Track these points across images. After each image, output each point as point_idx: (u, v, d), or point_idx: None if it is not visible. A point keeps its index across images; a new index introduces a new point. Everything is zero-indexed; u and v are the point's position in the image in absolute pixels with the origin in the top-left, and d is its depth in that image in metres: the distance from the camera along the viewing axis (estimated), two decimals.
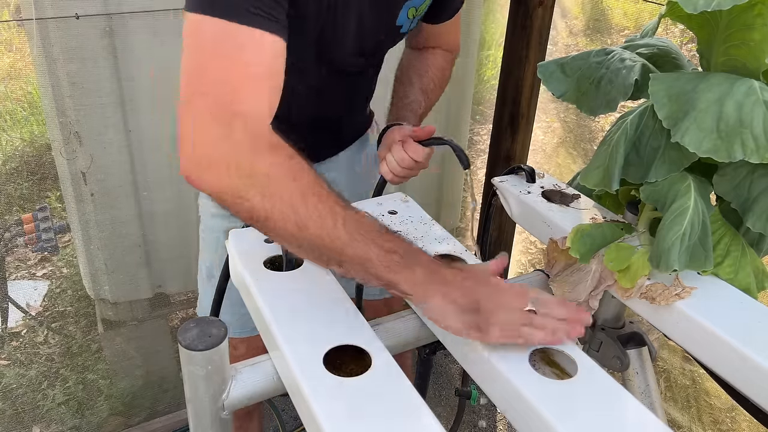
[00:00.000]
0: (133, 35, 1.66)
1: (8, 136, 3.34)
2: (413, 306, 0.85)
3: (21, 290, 2.49)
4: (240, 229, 0.97)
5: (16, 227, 2.12)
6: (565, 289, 0.91)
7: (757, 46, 0.79)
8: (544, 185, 1.10)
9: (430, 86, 1.36)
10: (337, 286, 0.84)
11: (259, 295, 0.82)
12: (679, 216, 0.80)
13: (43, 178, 3.00)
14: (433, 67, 1.36)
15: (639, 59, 0.93)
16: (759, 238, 0.89)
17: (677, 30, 4.32)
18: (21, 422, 2.00)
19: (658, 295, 0.80)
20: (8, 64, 3.79)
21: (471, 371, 0.78)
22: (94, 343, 2.21)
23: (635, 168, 0.87)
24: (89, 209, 1.81)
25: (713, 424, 2.19)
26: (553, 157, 3.93)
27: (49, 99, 1.68)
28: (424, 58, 1.37)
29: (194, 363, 0.73)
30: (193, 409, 0.78)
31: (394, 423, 0.63)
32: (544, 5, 2.04)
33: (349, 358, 0.73)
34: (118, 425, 2.05)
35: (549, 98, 3.70)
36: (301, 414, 0.70)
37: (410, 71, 1.36)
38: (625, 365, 0.96)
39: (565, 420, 0.63)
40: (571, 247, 0.88)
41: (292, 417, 2.04)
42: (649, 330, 1.03)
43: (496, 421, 2.27)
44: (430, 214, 1.05)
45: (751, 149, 0.74)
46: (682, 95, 0.79)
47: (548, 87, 1.00)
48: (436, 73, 1.36)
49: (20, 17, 1.75)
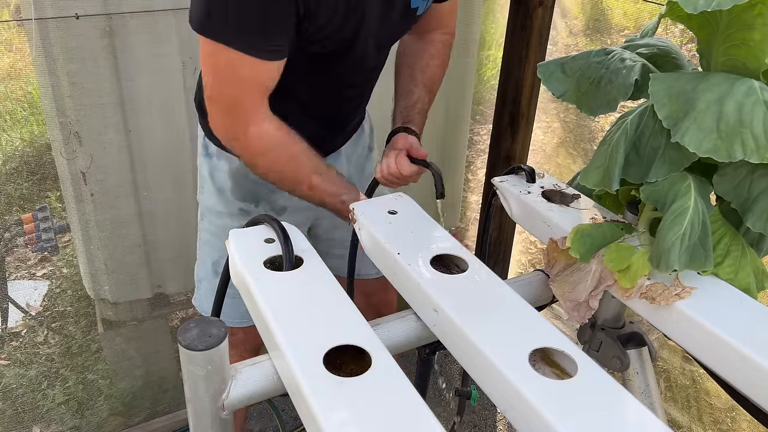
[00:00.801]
0: (133, 35, 1.66)
1: (8, 136, 3.34)
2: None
3: (21, 290, 2.49)
4: (240, 229, 0.97)
5: (16, 227, 2.13)
6: (565, 289, 0.91)
7: (757, 46, 0.79)
8: (544, 185, 1.10)
9: (434, 80, 1.39)
10: (337, 286, 0.84)
11: (259, 295, 0.82)
12: (679, 216, 0.80)
13: (43, 178, 3.00)
14: (435, 58, 1.39)
15: (639, 59, 0.93)
16: (759, 238, 0.89)
17: (677, 30, 4.31)
18: (21, 422, 2.00)
19: (658, 295, 0.80)
20: (8, 64, 3.79)
21: (471, 371, 0.78)
22: (94, 343, 2.21)
23: (635, 168, 0.87)
24: (89, 209, 1.81)
25: (713, 424, 2.19)
26: (553, 157, 3.93)
27: (49, 99, 1.68)
28: (424, 50, 1.39)
29: (194, 363, 0.73)
30: (193, 409, 0.78)
31: (394, 423, 0.63)
32: (544, 5, 2.05)
33: (349, 358, 0.73)
34: (118, 425, 2.05)
35: (549, 98, 3.70)
36: (301, 414, 0.70)
37: (413, 65, 1.39)
38: (625, 365, 0.96)
39: (565, 420, 0.63)
40: (571, 247, 0.88)
41: (292, 417, 2.04)
42: (649, 330, 1.03)
43: (496, 421, 2.27)
44: (429, 214, 1.05)
45: (751, 149, 0.74)
46: (682, 95, 0.79)
47: (548, 87, 1.00)
48: (437, 65, 1.39)
49: (20, 17, 1.75)
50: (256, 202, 1.38)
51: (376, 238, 0.95)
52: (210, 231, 1.44)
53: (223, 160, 1.35)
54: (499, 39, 3.76)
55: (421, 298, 0.85)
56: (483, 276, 0.87)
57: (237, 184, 1.36)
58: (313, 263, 0.89)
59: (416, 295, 0.86)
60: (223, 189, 1.37)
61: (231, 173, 1.35)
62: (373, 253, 0.99)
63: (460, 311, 0.79)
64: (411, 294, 0.88)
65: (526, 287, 0.99)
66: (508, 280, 0.95)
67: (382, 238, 0.94)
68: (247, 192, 1.37)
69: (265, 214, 0.97)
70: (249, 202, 1.38)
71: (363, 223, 0.99)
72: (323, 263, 0.89)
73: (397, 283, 0.92)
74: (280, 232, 0.90)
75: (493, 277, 0.87)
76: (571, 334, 0.89)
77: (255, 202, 1.38)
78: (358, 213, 1.01)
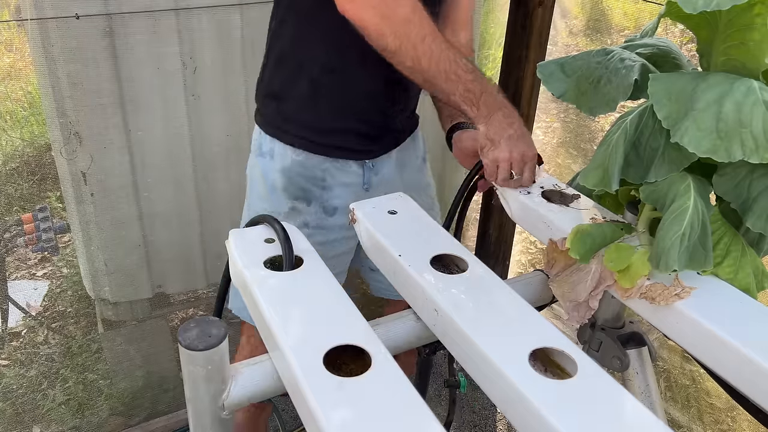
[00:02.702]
0: (133, 35, 1.66)
1: (8, 136, 3.34)
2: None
3: (21, 290, 2.49)
4: (240, 229, 0.97)
5: (16, 227, 2.13)
6: (564, 289, 0.92)
7: (757, 46, 0.79)
8: (544, 185, 1.10)
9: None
10: (337, 286, 0.85)
11: (259, 295, 0.82)
12: (678, 216, 0.80)
13: (43, 178, 3.00)
14: (463, 49, 1.39)
15: (639, 59, 0.93)
16: (759, 238, 0.89)
17: (677, 30, 4.31)
18: (21, 422, 2.00)
19: (657, 295, 0.80)
20: (8, 64, 3.79)
21: (471, 371, 0.78)
22: (94, 343, 2.21)
23: (635, 168, 0.87)
24: (89, 209, 1.81)
25: (713, 424, 2.19)
26: (553, 157, 3.93)
27: (49, 99, 1.68)
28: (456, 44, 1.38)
29: (194, 363, 0.73)
30: (193, 409, 0.79)
31: (394, 423, 0.63)
32: (544, 5, 2.05)
33: (349, 358, 0.73)
34: (118, 425, 2.05)
35: (549, 98, 3.70)
36: (301, 414, 0.70)
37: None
38: (625, 365, 0.96)
39: (565, 420, 0.63)
40: (570, 248, 0.88)
41: (292, 417, 2.04)
42: (649, 330, 1.03)
43: (496, 421, 2.27)
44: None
45: (751, 149, 0.74)
46: (682, 95, 0.79)
47: (548, 87, 1.00)
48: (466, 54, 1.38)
49: (20, 17, 1.75)
50: (308, 201, 1.39)
51: (376, 238, 0.95)
52: (254, 206, 1.45)
53: (277, 157, 1.36)
54: (499, 39, 3.76)
55: (421, 298, 0.85)
56: (483, 276, 0.87)
57: (290, 181, 1.37)
58: (313, 263, 0.89)
59: (416, 295, 0.86)
60: (274, 188, 1.38)
61: (283, 171, 1.36)
62: (373, 253, 0.99)
63: (460, 311, 0.79)
64: (411, 294, 0.88)
65: (526, 287, 0.99)
66: (508, 280, 0.95)
67: (382, 238, 0.94)
68: (299, 189, 1.37)
69: (265, 214, 0.97)
70: (300, 200, 1.38)
71: (363, 223, 0.99)
72: (323, 263, 0.89)
73: (397, 283, 0.92)
74: (281, 232, 0.90)
75: (493, 277, 0.87)
76: (571, 334, 0.89)
77: (306, 201, 1.39)
78: (358, 213, 1.01)
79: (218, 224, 2.01)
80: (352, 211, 1.02)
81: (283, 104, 1.36)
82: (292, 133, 1.35)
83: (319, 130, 1.34)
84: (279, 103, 1.36)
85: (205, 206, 1.98)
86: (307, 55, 1.30)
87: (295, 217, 1.38)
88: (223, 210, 2.01)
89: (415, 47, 1.11)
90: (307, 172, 1.36)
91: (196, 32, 1.74)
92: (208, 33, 1.76)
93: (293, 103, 1.34)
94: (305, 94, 1.32)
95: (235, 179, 1.98)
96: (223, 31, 1.78)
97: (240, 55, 1.84)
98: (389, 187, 1.42)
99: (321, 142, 1.35)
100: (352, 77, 1.30)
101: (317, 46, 1.29)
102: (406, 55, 1.12)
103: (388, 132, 1.42)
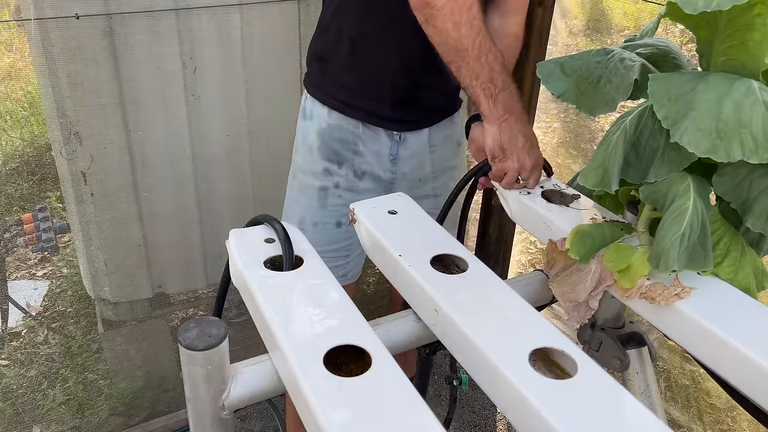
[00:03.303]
0: (133, 35, 1.66)
1: (8, 136, 3.34)
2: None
3: (21, 290, 2.49)
4: (240, 229, 0.97)
5: (16, 227, 2.13)
6: (564, 289, 0.92)
7: (757, 46, 0.79)
8: (544, 185, 1.10)
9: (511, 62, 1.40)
10: (337, 286, 0.85)
11: (259, 295, 0.82)
12: (678, 216, 0.80)
13: (43, 178, 3.00)
14: (509, 38, 1.40)
15: (638, 59, 0.93)
16: (759, 238, 0.89)
17: (677, 30, 4.31)
18: (21, 422, 2.00)
19: (657, 295, 0.80)
20: (8, 64, 3.79)
21: (471, 371, 0.78)
22: (94, 343, 2.21)
23: (634, 168, 0.87)
24: (89, 209, 1.81)
25: (713, 424, 2.19)
26: (553, 157, 3.93)
27: (49, 99, 1.68)
28: (504, 34, 1.39)
29: (194, 363, 0.73)
30: (193, 409, 0.79)
31: (394, 423, 0.63)
32: (544, 5, 2.05)
33: (349, 358, 0.73)
34: (118, 425, 2.05)
35: (549, 98, 3.70)
36: (301, 414, 0.70)
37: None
38: (625, 365, 0.96)
39: (565, 420, 0.63)
40: (570, 248, 0.88)
41: None
42: (649, 330, 1.03)
43: (496, 421, 2.27)
44: None
45: (750, 149, 0.74)
46: (682, 95, 0.79)
47: (548, 87, 0.99)
48: (513, 54, 1.41)
49: (20, 17, 1.75)
50: (339, 164, 1.48)
51: (376, 238, 0.95)
52: (297, 188, 1.55)
53: (315, 119, 1.47)
54: None
55: (422, 298, 0.85)
56: (483, 276, 0.87)
57: (323, 143, 1.47)
58: (313, 263, 0.89)
59: (416, 295, 0.86)
60: (311, 148, 1.49)
61: (319, 132, 1.46)
62: (373, 252, 0.99)
63: (460, 311, 0.79)
64: (411, 294, 0.88)
65: (526, 287, 0.99)
66: (508, 280, 0.95)
67: (382, 238, 0.94)
68: (332, 151, 1.47)
69: (265, 214, 0.97)
70: (333, 162, 1.48)
71: (363, 223, 1.00)
72: (323, 263, 0.89)
73: (397, 282, 0.92)
74: (281, 231, 0.90)
75: (493, 277, 0.87)
76: (571, 334, 0.89)
77: (338, 163, 1.48)
78: (359, 213, 1.01)
79: (218, 224, 2.01)
80: (352, 211, 1.02)
81: (325, 65, 1.46)
82: (329, 93, 1.45)
83: (354, 93, 1.43)
84: (322, 64, 1.47)
85: (205, 206, 1.98)
86: (347, 20, 1.40)
87: (327, 178, 1.49)
88: (223, 210, 2.01)
89: (461, 11, 1.10)
90: (341, 135, 1.45)
91: (196, 32, 1.74)
92: (208, 33, 1.76)
93: (335, 65, 1.44)
94: (345, 56, 1.42)
95: (235, 179, 1.98)
96: (223, 31, 1.78)
97: (240, 55, 1.84)
98: (416, 162, 1.52)
99: (355, 104, 1.43)
100: (386, 45, 1.37)
101: (355, 13, 1.38)
102: (449, 17, 1.11)
103: (421, 106, 1.47)
